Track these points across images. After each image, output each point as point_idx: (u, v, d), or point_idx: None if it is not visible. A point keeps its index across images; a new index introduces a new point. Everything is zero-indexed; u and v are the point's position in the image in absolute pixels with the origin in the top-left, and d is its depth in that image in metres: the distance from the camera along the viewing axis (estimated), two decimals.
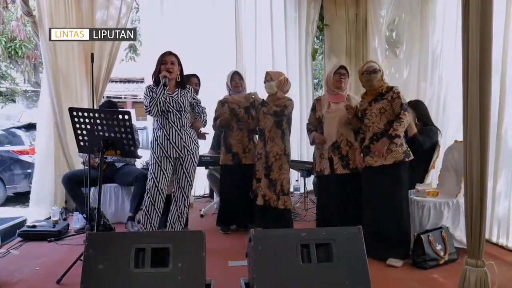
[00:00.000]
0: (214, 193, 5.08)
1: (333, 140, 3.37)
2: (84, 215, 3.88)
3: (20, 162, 6.74)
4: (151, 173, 3.06)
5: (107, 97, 10.62)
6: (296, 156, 5.67)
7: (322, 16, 6.03)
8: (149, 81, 3.34)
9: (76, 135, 2.79)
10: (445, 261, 2.95)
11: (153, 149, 3.08)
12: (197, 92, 3.82)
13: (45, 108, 4.62)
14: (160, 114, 3.03)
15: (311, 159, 3.81)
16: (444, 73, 4.34)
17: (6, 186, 6.72)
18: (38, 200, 4.50)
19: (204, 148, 4.69)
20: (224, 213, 3.93)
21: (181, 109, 3.07)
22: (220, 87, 4.14)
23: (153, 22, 5.50)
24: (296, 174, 5.32)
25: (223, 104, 3.92)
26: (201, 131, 3.44)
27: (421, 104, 3.70)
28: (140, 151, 3.66)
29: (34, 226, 3.71)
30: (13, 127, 7.24)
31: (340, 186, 3.35)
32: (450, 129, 4.13)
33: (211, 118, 3.87)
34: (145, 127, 9.52)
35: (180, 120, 3.08)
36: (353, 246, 2.12)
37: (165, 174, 3.06)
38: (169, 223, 3.19)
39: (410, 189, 3.33)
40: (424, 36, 4.64)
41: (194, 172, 3.21)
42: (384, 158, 3.03)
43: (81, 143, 2.81)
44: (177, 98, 3.06)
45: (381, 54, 5.41)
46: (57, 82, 4.49)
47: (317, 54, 7.23)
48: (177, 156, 3.08)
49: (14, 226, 3.72)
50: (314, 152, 3.60)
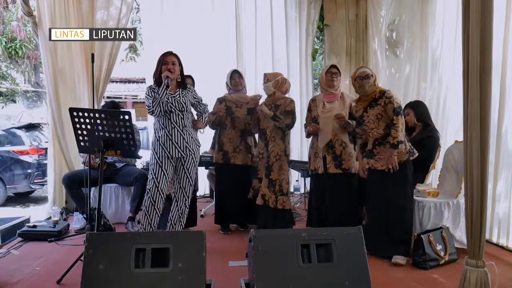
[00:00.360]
0: (214, 193, 5.08)
1: (328, 139, 3.38)
2: (84, 215, 3.88)
3: (21, 162, 6.75)
4: (152, 173, 3.06)
5: (108, 97, 10.65)
6: (296, 156, 5.67)
7: (322, 16, 6.04)
8: (150, 81, 3.34)
9: (77, 135, 2.78)
10: (446, 261, 2.95)
11: (155, 150, 3.08)
12: None
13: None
14: (163, 115, 3.03)
15: (304, 159, 3.81)
16: (444, 73, 4.34)
17: (7, 186, 6.72)
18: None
19: (204, 148, 4.69)
20: (219, 211, 3.97)
21: (183, 109, 3.07)
22: (221, 87, 4.14)
23: (154, 23, 5.50)
24: (296, 174, 5.32)
25: (221, 102, 3.93)
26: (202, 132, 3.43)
27: (421, 104, 3.70)
28: (140, 151, 3.67)
29: (35, 226, 3.71)
30: (14, 127, 7.25)
31: (332, 186, 3.37)
32: (450, 129, 4.13)
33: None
34: (145, 127, 9.54)
35: (182, 120, 3.08)
36: (353, 246, 2.11)
37: (166, 175, 3.06)
38: (170, 223, 3.19)
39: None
40: (424, 37, 4.64)
41: (196, 173, 3.22)
42: None
43: (82, 143, 2.81)
44: (179, 98, 3.06)
45: (381, 54, 5.41)
46: (57, 83, 4.49)
47: (317, 54, 7.24)
48: (179, 157, 3.08)
49: (15, 226, 3.72)
50: (309, 151, 3.62)
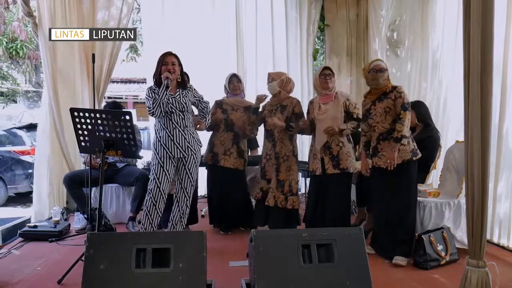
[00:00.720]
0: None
1: (325, 141, 3.39)
2: (85, 215, 3.88)
3: (21, 163, 6.77)
4: (153, 174, 3.06)
5: (108, 98, 10.66)
6: (298, 157, 5.66)
7: (323, 17, 6.04)
8: (151, 82, 3.34)
9: (77, 136, 2.79)
10: (446, 262, 2.95)
11: (156, 150, 3.08)
12: None
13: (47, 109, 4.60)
14: (164, 115, 3.03)
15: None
16: (445, 73, 4.34)
17: (8, 186, 6.73)
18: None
19: (205, 148, 4.68)
20: (216, 211, 3.96)
21: (184, 110, 3.07)
22: (221, 88, 4.13)
23: (154, 23, 5.50)
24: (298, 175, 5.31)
25: (218, 105, 3.92)
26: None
27: (422, 105, 3.70)
28: (141, 152, 3.67)
29: (35, 226, 3.71)
30: (15, 128, 7.27)
31: (330, 186, 3.37)
32: (451, 130, 4.13)
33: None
34: (147, 128, 9.54)
35: (183, 121, 3.08)
36: (354, 247, 2.11)
37: (167, 175, 3.06)
38: (171, 224, 3.19)
39: None
40: (425, 36, 4.64)
41: (197, 173, 3.21)
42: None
43: (82, 144, 2.81)
44: (179, 99, 3.06)
45: (382, 55, 5.40)
46: (56, 83, 4.48)
47: (318, 55, 7.22)
48: (180, 157, 3.08)
49: (16, 226, 3.72)
50: (309, 153, 3.63)
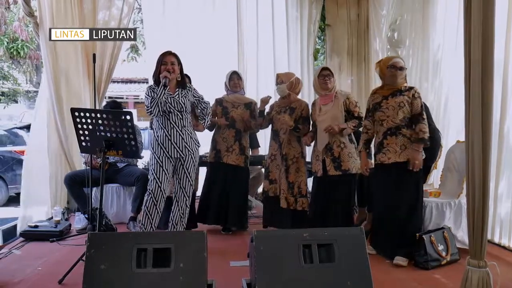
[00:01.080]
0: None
1: (326, 142, 3.38)
2: (86, 215, 3.88)
3: (22, 163, 6.75)
4: (153, 174, 3.06)
5: (109, 97, 10.65)
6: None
7: (324, 16, 6.03)
8: (152, 82, 3.34)
9: (78, 136, 2.79)
10: (447, 262, 2.95)
11: (154, 149, 3.08)
12: None
13: (42, 109, 4.56)
14: (162, 115, 3.03)
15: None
16: (446, 73, 4.33)
17: (8, 186, 6.74)
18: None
19: (205, 148, 4.68)
20: (203, 209, 3.88)
21: (182, 110, 3.07)
22: (222, 87, 4.13)
23: (155, 23, 5.50)
24: None
25: (218, 103, 3.93)
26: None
27: (425, 106, 3.69)
28: (142, 152, 3.67)
29: (36, 226, 3.71)
30: (15, 128, 7.27)
31: (333, 188, 3.38)
32: (452, 129, 4.12)
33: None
34: (147, 128, 9.53)
35: (182, 121, 3.08)
36: (355, 247, 2.11)
37: (167, 174, 3.06)
38: (171, 223, 3.19)
39: None
40: (426, 36, 4.63)
41: (195, 172, 3.21)
42: (398, 155, 2.98)
43: (83, 144, 2.82)
44: (178, 99, 3.06)
45: (383, 54, 5.39)
46: (58, 83, 4.49)
47: (319, 54, 7.23)
48: (178, 157, 3.08)
49: (16, 226, 3.72)
50: (312, 154, 3.63)
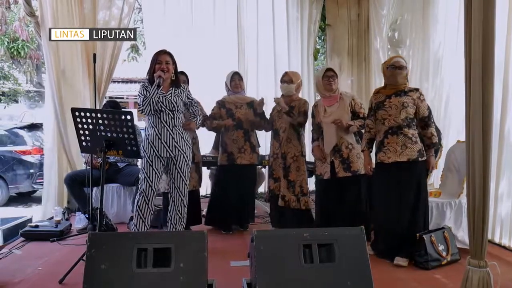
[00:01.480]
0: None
1: (334, 144, 3.37)
2: (87, 215, 3.89)
3: (23, 162, 6.76)
4: (144, 173, 3.03)
5: (110, 97, 10.66)
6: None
7: (324, 16, 6.04)
8: None
9: (79, 135, 2.79)
10: (448, 262, 2.95)
11: (144, 148, 3.04)
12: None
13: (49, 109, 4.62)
14: (153, 113, 3.01)
15: (313, 160, 3.81)
16: (447, 73, 4.33)
17: (9, 186, 6.74)
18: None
19: (206, 148, 4.68)
20: (213, 212, 3.88)
21: (174, 109, 3.04)
22: (222, 88, 4.14)
23: (156, 22, 5.51)
24: None
25: (221, 105, 3.89)
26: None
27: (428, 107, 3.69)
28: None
29: (37, 226, 3.71)
30: (16, 127, 7.26)
31: (342, 189, 3.36)
32: (453, 129, 4.12)
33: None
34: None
35: (173, 120, 3.05)
36: (356, 247, 2.11)
37: (158, 173, 3.04)
38: (170, 223, 3.18)
39: None
40: (426, 36, 4.62)
41: (189, 172, 3.17)
42: (398, 155, 2.95)
43: (84, 143, 2.82)
44: (171, 98, 3.04)
45: (383, 54, 5.40)
46: (59, 83, 4.50)
47: (319, 54, 7.24)
48: (168, 156, 3.05)
49: (17, 226, 3.72)
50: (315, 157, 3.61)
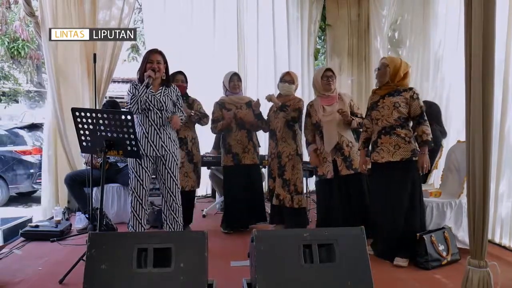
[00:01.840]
0: (216, 193, 5.07)
1: (335, 143, 3.38)
2: (87, 215, 3.89)
3: (23, 162, 6.77)
4: (133, 172, 3.02)
5: (110, 97, 10.65)
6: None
7: (324, 16, 6.05)
8: None
9: (79, 136, 2.79)
10: (448, 262, 2.95)
11: None
12: (185, 89, 3.79)
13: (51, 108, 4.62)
14: (140, 112, 3.00)
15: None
16: (447, 73, 4.33)
17: (9, 186, 6.74)
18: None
19: (206, 148, 4.69)
20: (231, 215, 3.89)
21: (163, 108, 3.04)
22: (222, 88, 4.14)
23: (156, 22, 5.51)
24: None
25: (222, 106, 3.88)
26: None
27: (434, 106, 3.70)
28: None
29: (37, 226, 3.72)
30: (16, 127, 7.27)
31: (345, 187, 3.38)
32: (453, 130, 4.12)
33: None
34: None
35: (161, 120, 3.04)
36: (356, 247, 2.11)
37: (147, 171, 3.03)
38: (166, 224, 3.17)
39: None
40: (427, 36, 4.63)
41: (179, 171, 3.16)
42: (391, 155, 2.97)
43: (84, 144, 2.82)
44: (160, 97, 3.03)
45: (384, 54, 5.40)
46: (59, 83, 4.50)
47: (319, 54, 7.24)
48: (155, 155, 3.04)
49: (17, 226, 3.73)
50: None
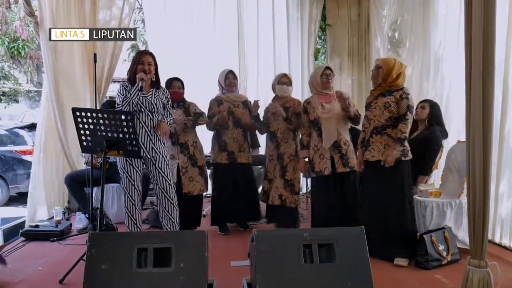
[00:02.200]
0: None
1: (334, 140, 3.39)
2: (87, 215, 3.89)
3: (23, 162, 6.77)
4: (124, 173, 3.02)
5: (110, 97, 10.64)
6: None
7: (325, 16, 6.04)
8: None
9: (79, 135, 2.79)
10: (448, 262, 2.95)
11: None
12: (182, 95, 3.78)
13: (45, 108, 4.57)
14: None
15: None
16: (447, 73, 4.32)
17: (9, 186, 6.75)
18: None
19: (207, 148, 4.68)
20: (219, 213, 3.89)
21: (154, 110, 3.05)
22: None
23: (156, 22, 5.51)
24: None
25: (219, 103, 3.86)
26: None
27: (435, 106, 3.69)
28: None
29: (37, 226, 3.72)
30: (16, 127, 7.28)
31: (341, 184, 3.39)
32: (453, 130, 4.11)
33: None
34: None
35: (151, 121, 3.05)
36: (356, 247, 2.11)
37: (138, 171, 3.04)
38: (163, 225, 3.17)
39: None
40: (427, 36, 4.62)
41: (171, 172, 3.15)
42: (381, 154, 3.02)
43: (84, 143, 2.82)
44: (151, 99, 3.04)
45: (384, 54, 5.39)
46: (58, 83, 4.49)
47: (320, 54, 7.23)
48: (145, 157, 3.04)
49: (17, 226, 3.73)
50: (313, 153, 3.58)
